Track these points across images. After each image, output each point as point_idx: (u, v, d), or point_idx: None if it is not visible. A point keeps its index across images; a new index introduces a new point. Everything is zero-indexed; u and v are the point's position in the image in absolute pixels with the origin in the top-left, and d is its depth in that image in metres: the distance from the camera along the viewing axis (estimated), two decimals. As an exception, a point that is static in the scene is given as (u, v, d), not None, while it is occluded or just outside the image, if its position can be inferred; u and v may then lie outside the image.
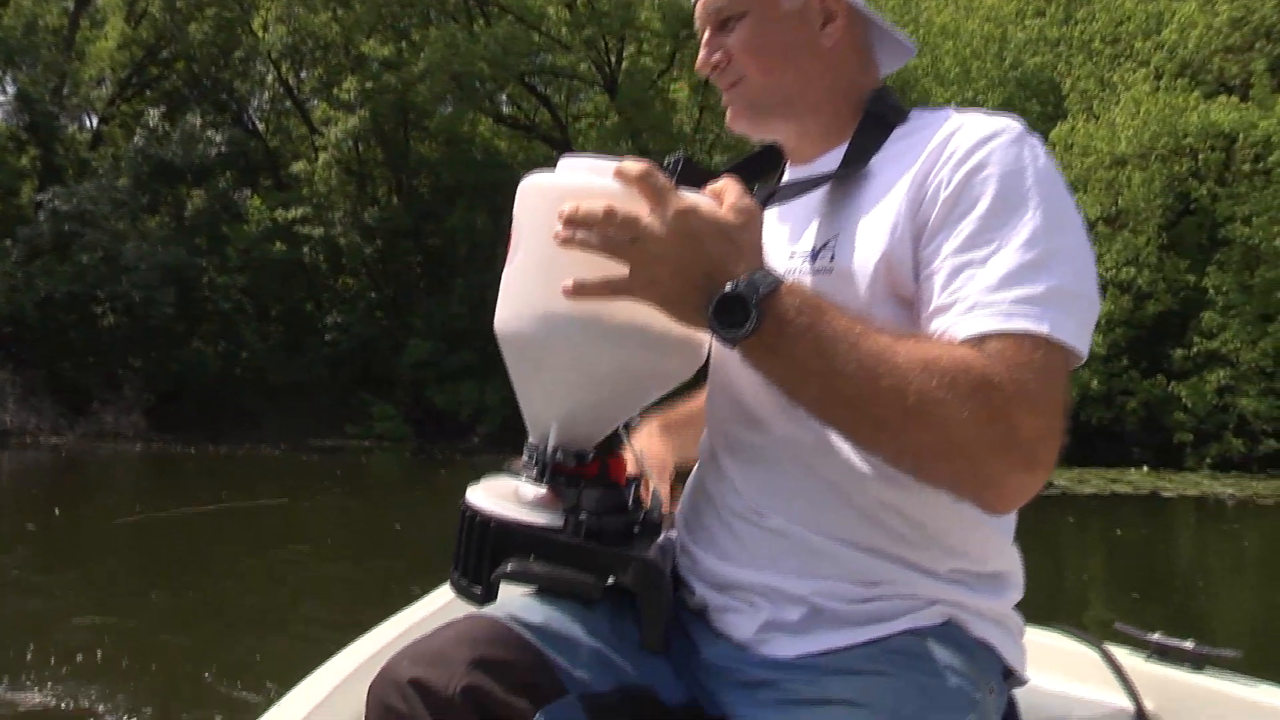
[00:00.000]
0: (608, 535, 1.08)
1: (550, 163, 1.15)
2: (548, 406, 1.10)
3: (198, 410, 21.64)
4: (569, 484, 1.09)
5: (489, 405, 21.44)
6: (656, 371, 1.10)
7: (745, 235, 0.95)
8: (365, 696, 1.03)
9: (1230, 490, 16.59)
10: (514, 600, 1.10)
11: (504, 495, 1.10)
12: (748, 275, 0.91)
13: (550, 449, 1.09)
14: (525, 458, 1.13)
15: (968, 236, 0.99)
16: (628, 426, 1.20)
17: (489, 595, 1.06)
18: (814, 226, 1.14)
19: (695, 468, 1.28)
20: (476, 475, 1.15)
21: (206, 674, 5.07)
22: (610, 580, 1.06)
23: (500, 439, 20.71)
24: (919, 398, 0.89)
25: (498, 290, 1.10)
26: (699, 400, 1.40)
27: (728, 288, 0.91)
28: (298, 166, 26.07)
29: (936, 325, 0.98)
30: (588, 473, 1.11)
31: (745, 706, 1.06)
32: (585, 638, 1.07)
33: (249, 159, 26.18)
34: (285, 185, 25.95)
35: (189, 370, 22.08)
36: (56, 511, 10.88)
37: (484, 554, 1.06)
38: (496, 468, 1.16)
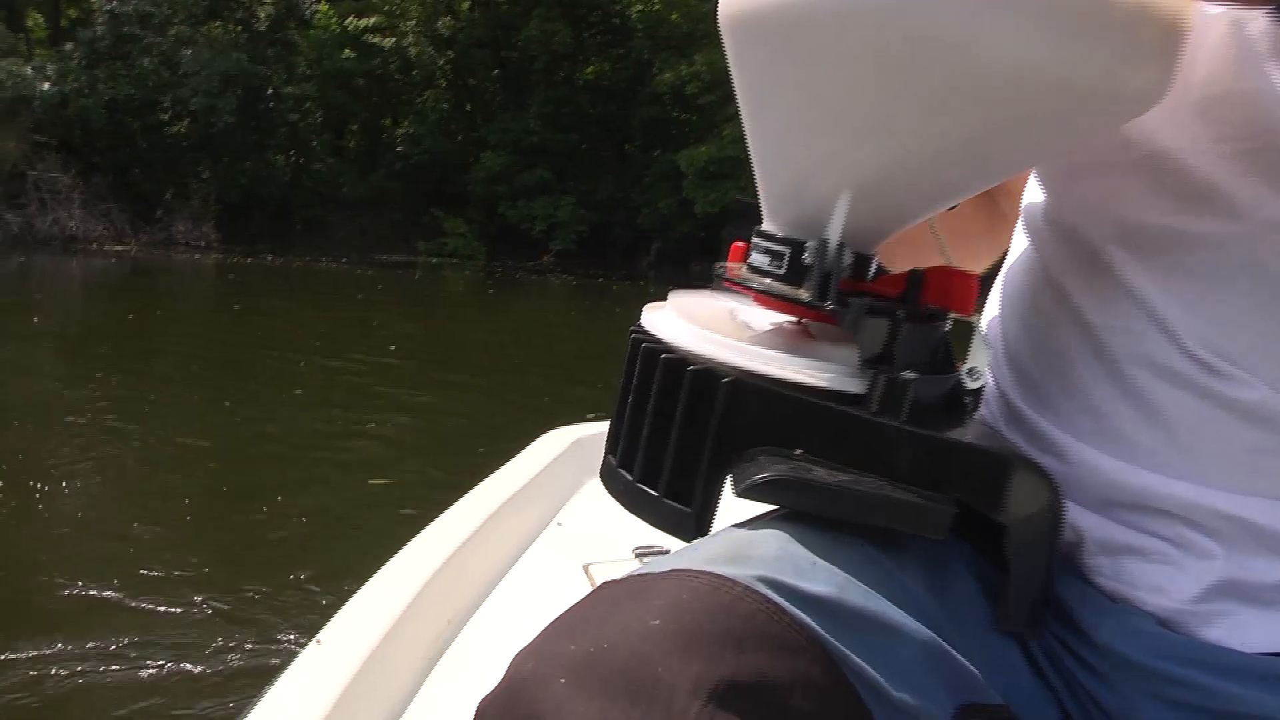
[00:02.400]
0: (937, 412, 0.60)
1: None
2: (836, 160, 0.58)
3: (268, 222, 21.64)
4: (875, 313, 0.58)
5: (562, 220, 21.11)
6: (1099, 89, 0.52)
7: None
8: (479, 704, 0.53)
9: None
10: (757, 543, 0.56)
11: (718, 327, 0.61)
12: None
13: (834, 245, 0.57)
14: (765, 259, 0.61)
15: None
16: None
17: (702, 521, 0.58)
18: None
19: (1029, 281, 0.73)
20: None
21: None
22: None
23: (572, 257, 20.59)
24: None
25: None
26: None
27: None
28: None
29: None
30: (886, 291, 0.61)
31: None
32: (903, 623, 0.56)
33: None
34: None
35: (258, 182, 21.90)
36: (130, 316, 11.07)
37: (700, 440, 0.57)
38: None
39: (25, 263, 16.53)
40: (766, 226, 0.63)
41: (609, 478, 0.65)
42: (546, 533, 1.61)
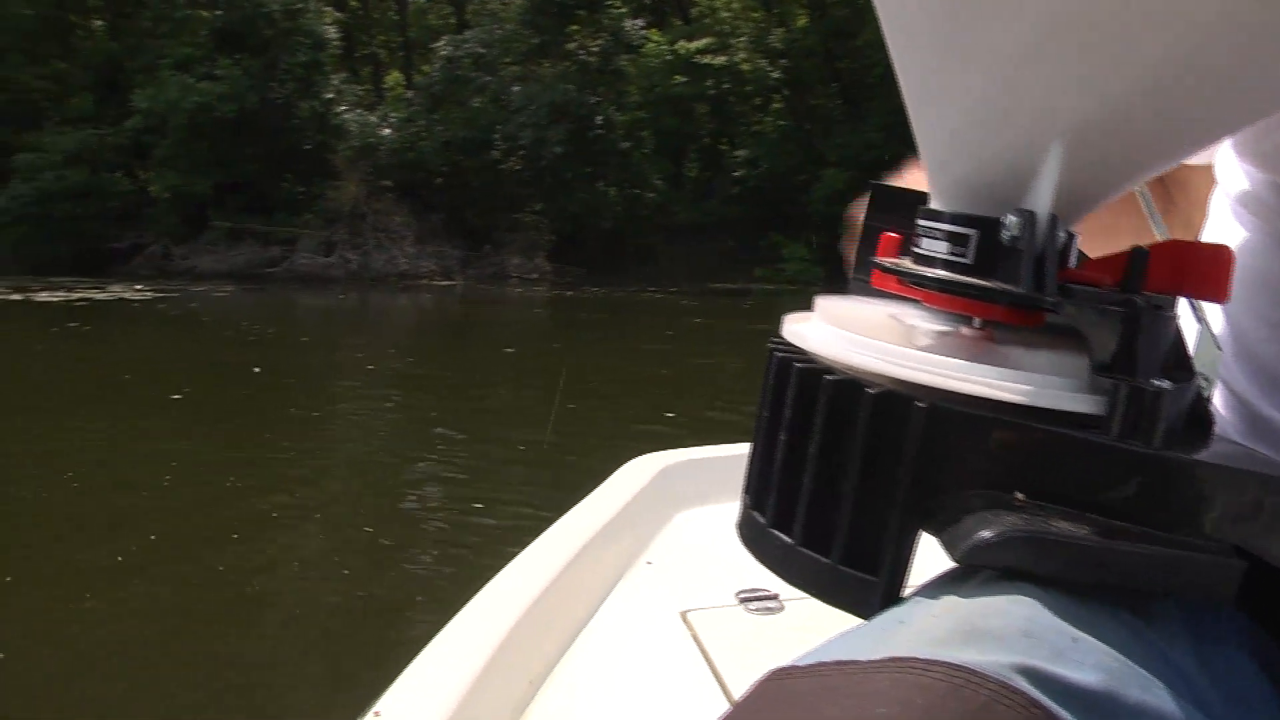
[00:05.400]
0: (1183, 432, 0.47)
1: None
2: (1049, 89, 0.40)
3: (599, 253, 21.59)
4: (1106, 305, 0.45)
5: (910, 242, 19.62)
6: None
7: None
8: None
9: None
10: (992, 612, 0.39)
11: (884, 336, 0.47)
12: None
13: (1045, 218, 0.43)
14: (942, 246, 0.46)
15: None
16: None
17: (892, 593, 0.44)
18: None
19: (1268, 265, 0.63)
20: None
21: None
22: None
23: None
24: None
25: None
26: None
27: None
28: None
29: None
30: (1099, 279, 0.46)
31: None
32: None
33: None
34: (692, 21, 24.81)
35: (590, 212, 21.89)
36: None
37: (888, 487, 0.44)
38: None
39: (361, 298, 17.35)
40: (936, 204, 0.47)
41: (754, 540, 0.50)
42: (636, 573, 1.43)
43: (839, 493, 0.44)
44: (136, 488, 5.25)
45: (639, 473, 1.68)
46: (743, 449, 1.89)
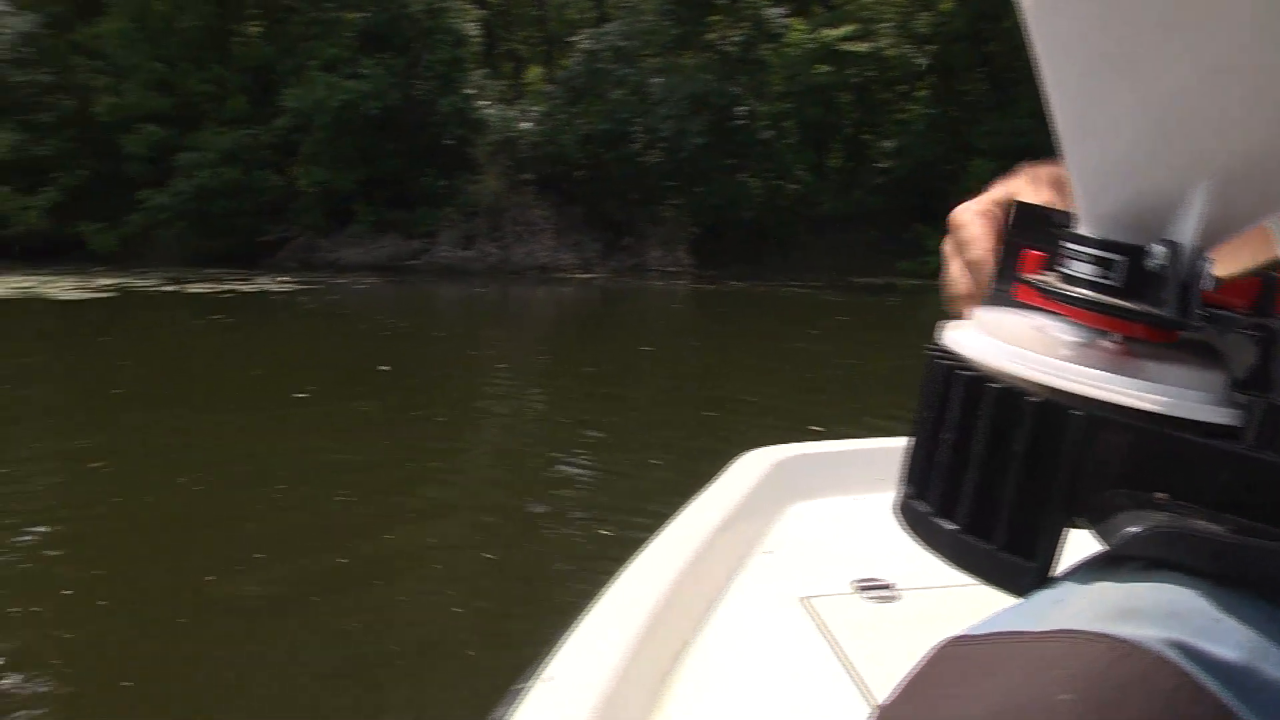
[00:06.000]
0: None
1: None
2: (1202, 130, 0.44)
3: (741, 245, 21.28)
4: (1225, 328, 0.50)
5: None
6: None
7: None
8: None
9: None
10: (1140, 593, 0.45)
11: (1034, 347, 0.51)
12: None
13: (1190, 248, 0.47)
14: (1091, 269, 0.50)
15: None
16: None
17: (1043, 577, 0.50)
18: None
19: None
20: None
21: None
22: None
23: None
24: None
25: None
26: None
27: None
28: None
29: None
30: (1233, 301, 0.51)
31: None
32: None
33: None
34: (834, 8, 24.17)
35: (732, 204, 21.58)
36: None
37: (1045, 484, 0.49)
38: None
39: (500, 291, 17.37)
40: (1085, 229, 0.51)
41: (915, 524, 0.55)
42: (756, 562, 1.52)
43: (1000, 488, 0.49)
44: (247, 492, 5.07)
45: (753, 466, 1.76)
46: (850, 445, 1.87)
